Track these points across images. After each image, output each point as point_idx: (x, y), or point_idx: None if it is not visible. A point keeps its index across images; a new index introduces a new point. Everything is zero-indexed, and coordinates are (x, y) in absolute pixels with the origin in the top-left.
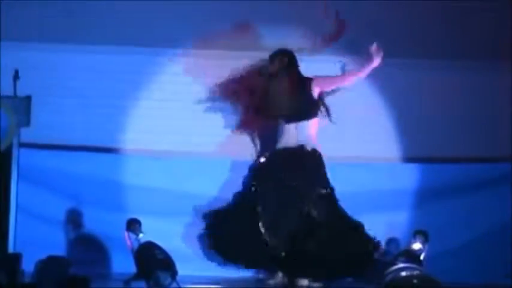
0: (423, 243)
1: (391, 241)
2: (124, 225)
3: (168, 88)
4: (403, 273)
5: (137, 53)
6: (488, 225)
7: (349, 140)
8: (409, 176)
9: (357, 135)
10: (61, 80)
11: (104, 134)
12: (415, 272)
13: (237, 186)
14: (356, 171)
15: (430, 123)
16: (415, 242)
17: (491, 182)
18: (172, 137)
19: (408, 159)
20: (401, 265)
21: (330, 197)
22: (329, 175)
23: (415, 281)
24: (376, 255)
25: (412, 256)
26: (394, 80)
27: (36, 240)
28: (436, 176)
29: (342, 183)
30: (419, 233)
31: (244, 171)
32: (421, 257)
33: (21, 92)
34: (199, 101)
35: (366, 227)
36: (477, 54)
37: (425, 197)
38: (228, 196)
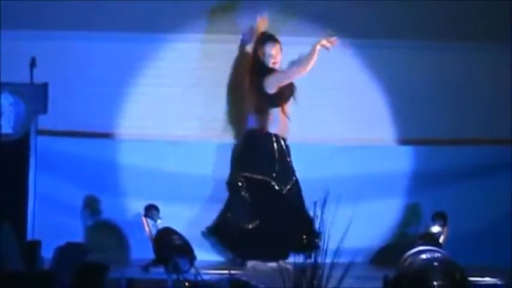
0: (442, 225)
1: (408, 224)
2: (142, 211)
3: (186, 74)
4: (423, 256)
5: (155, 40)
6: (500, 208)
7: (360, 123)
8: (423, 159)
9: (367, 118)
10: (78, 67)
11: (121, 121)
12: (436, 255)
13: None
14: (366, 154)
15: (433, 104)
16: (433, 224)
17: (503, 165)
18: (190, 122)
19: (419, 141)
20: (420, 248)
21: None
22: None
23: (435, 263)
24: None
25: (431, 239)
26: (394, 61)
27: (54, 227)
28: (449, 159)
29: (355, 167)
30: (438, 215)
31: None
32: (440, 240)
33: (38, 79)
34: (218, 86)
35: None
36: (477, 34)
37: (439, 180)
38: None
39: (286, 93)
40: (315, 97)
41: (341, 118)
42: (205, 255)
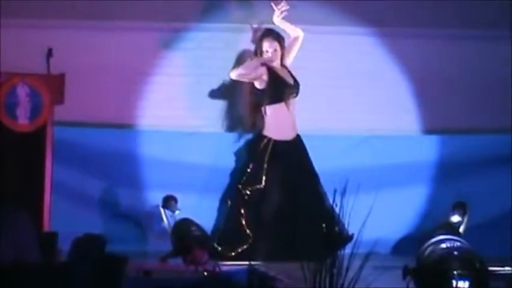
0: (462, 215)
1: (428, 214)
2: (160, 202)
3: (203, 64)
4: (443, 245)
5: (171, 29)
6: None
7: (382, 113)
8: (444, 149)
9: (389, 108)
10: (94, 57)
11: (138, 111)
12: (456, 244)
13: None
14: (388, 144)
15: (455, 94)
16: (453, 214)
17: None
18: (206, 112)
19: (440, 130)
20: (440, 237)
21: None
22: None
23: (455, 252)
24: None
25: (451, 228)
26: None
27: (72, 218)
28: (470, 148)
29: (376, 157)
30: (458, 205)
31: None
32: (461, 229)
33: (55, 70)
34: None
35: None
36: (501, 23)
37: (460, 170)
38: None
39: (275, 89)
40: (338, 87)
41: (364, 108)
42: None
